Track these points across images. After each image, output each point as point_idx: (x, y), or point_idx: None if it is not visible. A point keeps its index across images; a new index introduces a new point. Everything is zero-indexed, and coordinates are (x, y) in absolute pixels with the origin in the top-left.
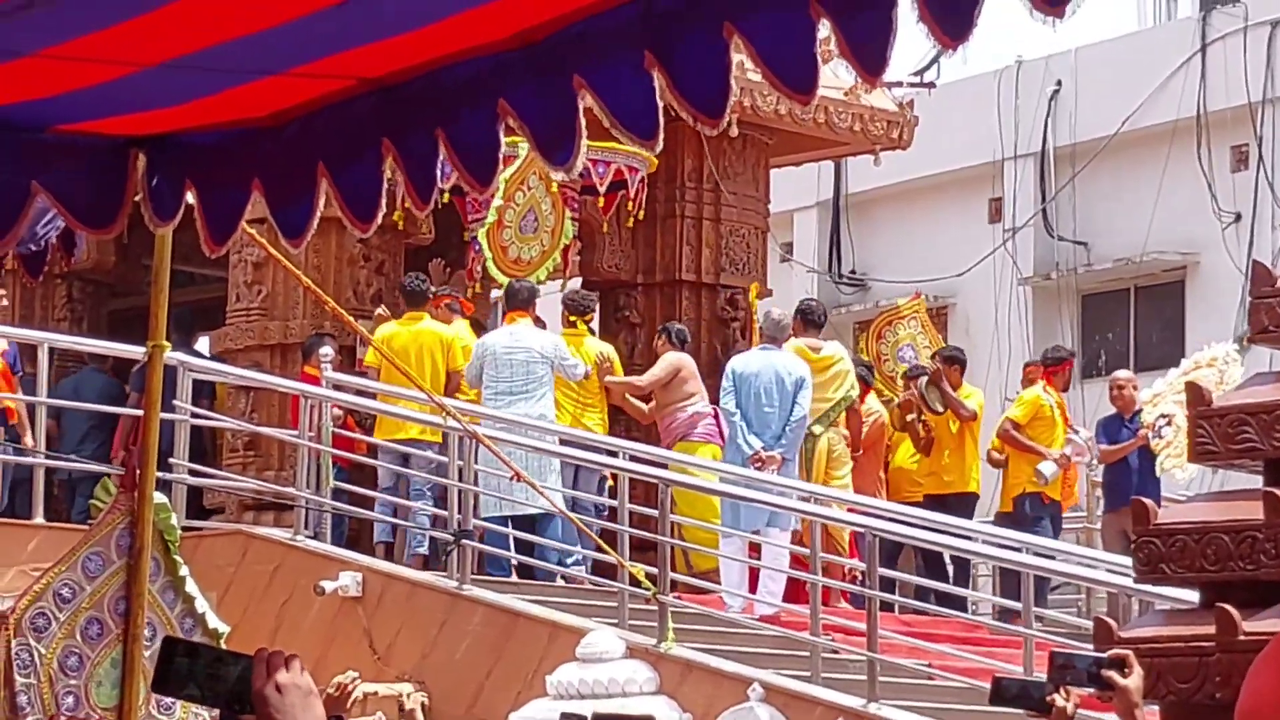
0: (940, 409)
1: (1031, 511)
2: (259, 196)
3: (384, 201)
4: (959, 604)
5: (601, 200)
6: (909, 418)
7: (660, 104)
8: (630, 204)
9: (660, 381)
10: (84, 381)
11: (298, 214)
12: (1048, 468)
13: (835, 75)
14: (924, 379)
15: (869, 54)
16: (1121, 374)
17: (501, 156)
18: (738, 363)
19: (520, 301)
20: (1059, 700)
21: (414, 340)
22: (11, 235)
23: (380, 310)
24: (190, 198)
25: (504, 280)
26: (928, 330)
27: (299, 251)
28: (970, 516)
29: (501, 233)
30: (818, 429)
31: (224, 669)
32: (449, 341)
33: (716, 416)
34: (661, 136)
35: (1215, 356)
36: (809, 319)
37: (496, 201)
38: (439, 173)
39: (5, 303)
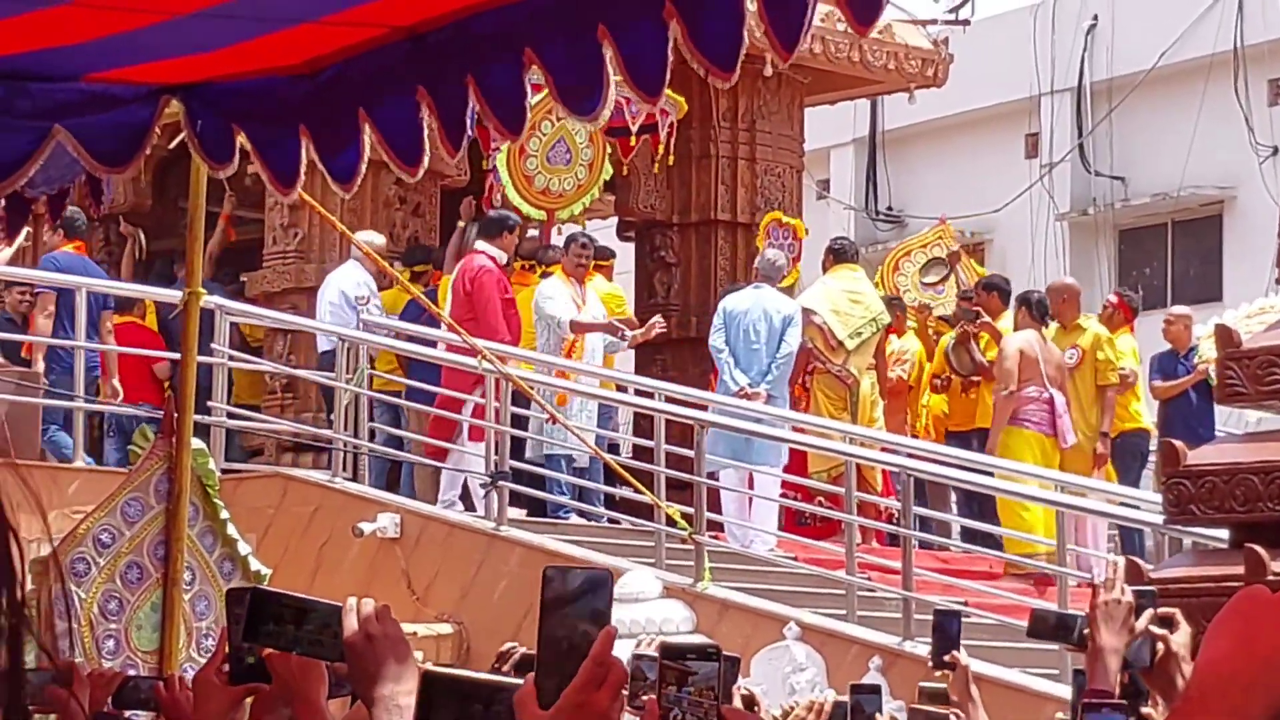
0: (965, 373)
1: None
2: (308, 143)
3: (427, 145)
4: (994, 542)
5: (634, 140)
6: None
7: (670, 60)
8: (660, 147)
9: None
10: None
11: (346, 159)
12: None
13: None
14: (951, 338)
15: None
16: (1176, 309)
17: (529, 104)
18: (729, 301)
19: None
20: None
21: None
22: (20, 173)
23: None
24: (243, 142)
25: (529, 210)
26: (964, 266)
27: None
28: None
29: (524, 161)
30: (857, 361)
31: (313, 619)
32: None
33: (1051, 403)
34: (664, 94)
35: (1274, 304)
36: (841, 256)
37: None
38: (469, 120)
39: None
